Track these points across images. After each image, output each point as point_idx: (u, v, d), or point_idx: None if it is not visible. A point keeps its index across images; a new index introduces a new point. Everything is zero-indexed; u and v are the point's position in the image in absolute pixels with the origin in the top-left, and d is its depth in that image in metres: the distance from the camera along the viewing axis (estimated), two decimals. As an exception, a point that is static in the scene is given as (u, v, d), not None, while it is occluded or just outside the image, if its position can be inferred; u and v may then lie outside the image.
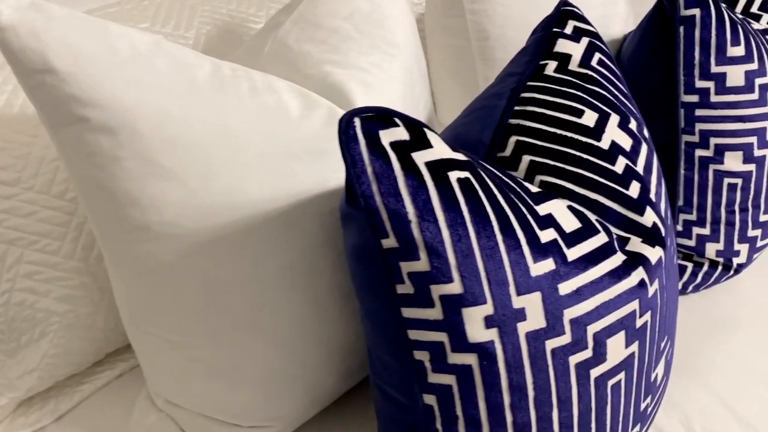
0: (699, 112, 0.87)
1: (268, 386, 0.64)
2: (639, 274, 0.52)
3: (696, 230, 0.93)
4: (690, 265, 0.94)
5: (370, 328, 0.52)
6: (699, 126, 0.87)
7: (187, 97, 0.56)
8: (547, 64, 0.65)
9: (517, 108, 0.62)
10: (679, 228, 0.93)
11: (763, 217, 0.92)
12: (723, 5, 0.86)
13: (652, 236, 0.55)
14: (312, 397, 0.67)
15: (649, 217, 0.56)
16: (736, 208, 0.91)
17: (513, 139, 0.60)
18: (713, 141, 0.88)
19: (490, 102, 0.65)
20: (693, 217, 0.92)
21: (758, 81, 0.85)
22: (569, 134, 0.59)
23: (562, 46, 0.66)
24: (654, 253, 0.54)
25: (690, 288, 0.95)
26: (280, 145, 0.58)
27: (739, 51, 0.84)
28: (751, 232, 0.92)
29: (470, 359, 0.47)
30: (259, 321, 0.61)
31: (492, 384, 0.47)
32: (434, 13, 1.01)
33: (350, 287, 0.65)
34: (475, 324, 0.46)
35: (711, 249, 0.93)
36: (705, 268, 0.94)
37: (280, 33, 0.71)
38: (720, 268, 0.94)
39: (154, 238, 0.57)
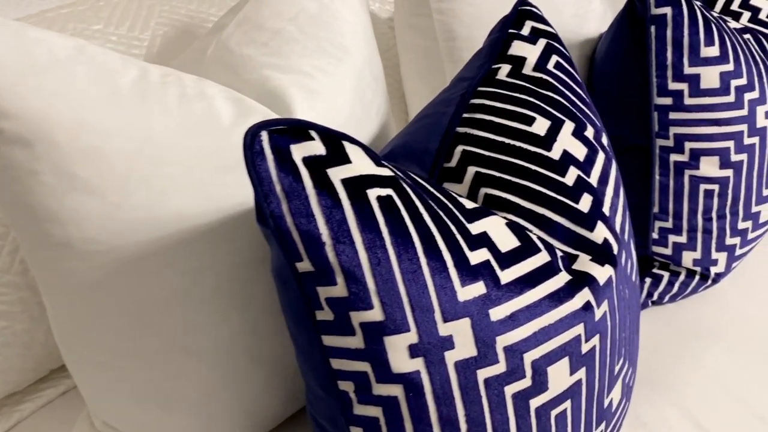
0: (673, 116, 0.83)
1: (206, 409, 0.61)
2: (584, 296, 0.48)
3: (672, 238, 0.89)
4: (666, 275, 0.90)
5: (297, 354, 0.49)
6: (673, 130, 0.84)
7: (108, 106, 0.53)
8: (500, 68, 0.62)
9: (465, 115, 0.59)
10: (655, 236, 0.89)
11: (741, 225, 0.88)
12: (697, 3, 0.82)
13: (602, 254, 0.52)
14: (253, 421, 0.64)
15: (599, 233, 0.52)
16: (714, 215, 0.87)
17: (459, 148, 0.57)
18: (688, 145, 0.84)
19: (439, 108, 0.62)
20: (669, 224, 0.88)
21: (734, 83, 0.81)
22: (518, 144, 0.56)
23: (518, 48, 0.63)
24: (603, 273, 0.50)
25: (666, 298, 0.91)
26: (208, 155, 0.54)
27: (713, 51, 0.80)
28: (729, 240, 0.89)
29: (396, 390, 0.43)
30: (193, 341, 0.58)
31: (420, 417, 0.44)
32: (402, 13, 0.98)
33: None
34: (399, 353, 0.42)
35: (688, 258, 0.89)
36: (682, 277, 0.90)
37: (224, 35, 0.67)
38: (697, 277, 0.90)
39: (76, 255, 0.54)
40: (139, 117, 0.53)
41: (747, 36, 0.86)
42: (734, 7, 0.95)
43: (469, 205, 0.49)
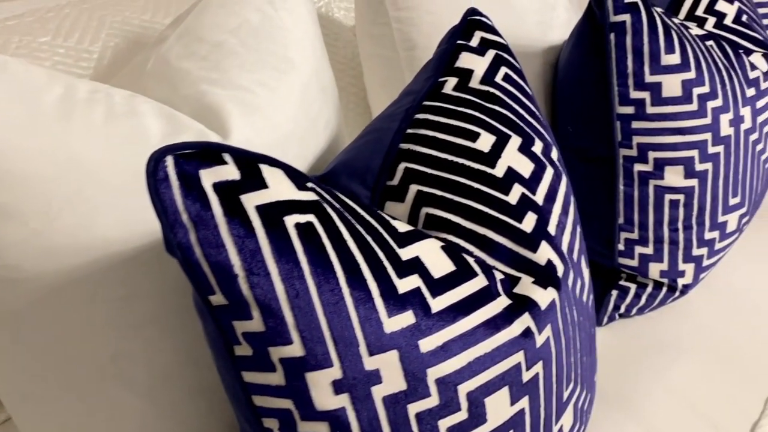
0: (635, 125, 0.81)
1: (143, 441, 0.58)
2: (524, 321, 0.46)
3: (638, 249, 0.87)
4: (633, 287, 0.88)
5: (224, 388, 0.46)
6: (636, 139, 0.82)
7: (29, 127, 0.50)
8: (446, 81, 0.59)
9: (409, 131, 0.57)
10: (621, 247, 0.87)
11: (708, 235, 0.86)
12: (658, 9, 0.81)
13: (545, 276, 0.49)
14: (196, 451, 0.61)
15: (543, 254, 0.50)
16: (680, 225, 0.85)
17: (402, 166, 0.55)
18: (652, 155, 0.82)
19: (384, 124, 0.60)
20: (635, 235, 0.86)
21: (696, 91, 0.79)
22: (461, 161, 0.53)
23: (465, 60, 0.60)
24: (545, 296, 0.48)
25: (634, 311, 0.89)
26: (136, 176, 0.52)
27: (674, 59, 0.78)
28: (696, 251, 0.87)
29: (321, 428, 0.41)
30: (125, 371, 0.55)
31: (349, 455, 0.41)
32: (362, 22, 0.95)
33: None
34: (323, 390, 0.40)
35: (655, 269, 0.87)
36: (649, 289, 0.88)
37: (164, 48, 0.65)
38: (665, 289, 0.88)
39: (-2, 283, 0.51)
40: (62, 138, 0.50)
41: (710, 43, 0.84)
42: (699, 12, 0.93)
43: (402, 228, 0.46)
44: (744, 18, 0.93)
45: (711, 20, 0.93)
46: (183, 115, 0.57)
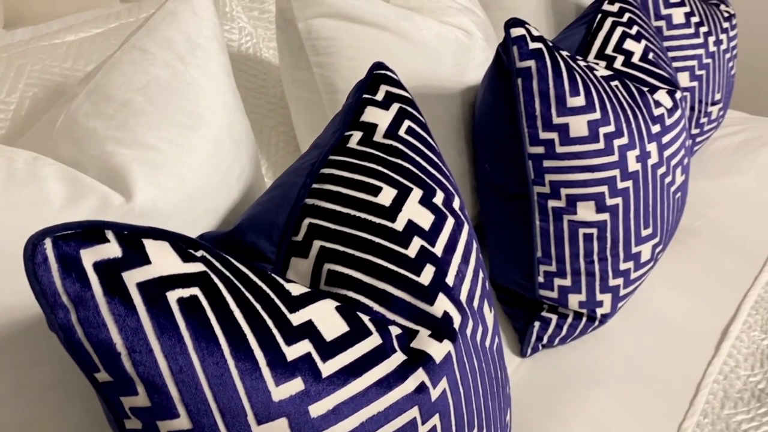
0: (547, 163, 0.84)
1: (54, 507, 0.57)
2: (418, 377, 0.48)
3: (557, 281, 0.90)
4: (554, 317, 0.91)
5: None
6: (548, 177, 0.85)
7: None
8: (351, 135, 0.61)
9: (314, 186, 0.58)
10: (541, 279, 0.90)
11: (623, 266, 0.90)
12: (563, 53, 0.84)
13: (440, 328, 0.51)
14: None
15: (440, 306, 0.52)
16: (595, 258, 0.88)
17: (306, 221, 0.56)
18: (564, 191, 0.85)
19: (290, 178, 0.61)
20: (553, 268, 0.89)
21: (602, 130, 0.83)
22: (363, 215, 0.55)
23: (370, 114, 0.62)
24: (440, 350, 0.50)
25: (556, 341, 0.92)
26: (35, 245, 0.52)
27: (579, 101, 0.81)
28: (612, 282, 0.90)
29: (215, 497, 0.41)
30: (32, 438, 0.55)
31: None
32: (285, 66, 0.97)
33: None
34: (212, 460, 0.40)
35: (574, 300, 0.90)
36: (569, 319, 0.91)
37: (73, 107, 0.65)
38: (585, 319, 0.91)
39: None
40: (-45, 208, 0.50)
41: (615, 83, 0.88)
42: (608, 51, 0.98)
43: (296, 291, 0.47)
44: (650, 56, 0.98)
45: (619, 59, 0.97)
46: (87, 177, 0.58)
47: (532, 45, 0.80)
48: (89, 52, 0.97)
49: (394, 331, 0.50)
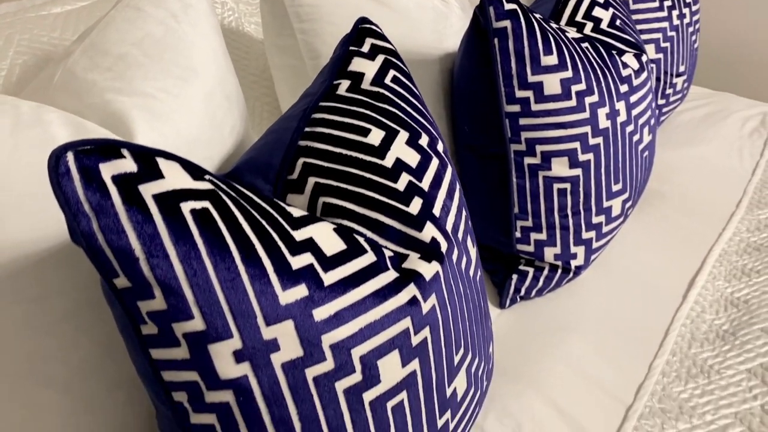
0: (523, 121, 0.89)
1: (63, 437, 0.60)
2: (410, 291, 0.51)
3: (533, 236, 0.95)
4: (531, 270, 0.96)
5: (136, 371, 0.50)
6: (524, 135, 0.89)
7: (-66, 136, 0.52)
8: (340, 83, 0.65)
9: (307, 129, 0.61)
10: (518, 235, 0.95)
11: (595, 219, 0.95)
12: (536, 15, 0.89)
13: (429, 251, 0.55)
14: (117, 444, 0.64)
15: (428, 233, 0.56)
16: (569, 212, 0.93)
17: (301, 161, 0.59)
18: (539, 148, 0.90)
19: (284, 124, 0.64)
20: (529, 223, 0.94)
21: (574, 88, 0.88)
22: (354, 154, 0.58)
23: (357, 64, 0.66)
24: (429, 269, 0.54)
25: (533, 293, 0.96)
26: (43, 181, 0.55)
27: (552, 60, 0.86)
28: (585, 235, 0.95)
29: (227, 396, 0.45)
30: (43, 370, 0.57)
31: (254, 420, 0.46)
32: (269, 34, 1.00)
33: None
34: (225, 360, 0.44)
35: (549, 253, 0.95)
36: (545, 272, 0.96)
37: (70, 62, 0.68)
38: (560, 271, 0.96)
39: None
40: (-33, 146, 0.53)
41: (585, 45, 0.93)
42: (578, 18, 1.03)
43: (297, 214, 0.51)
44: (618, 22, 1.03)
45: (589, 25, 1.02)
46: (89, 122, 0.60)
47: (508, 6, 0.84)
48: (76, 23, 0.99)
49: (387, 252, 0.54)
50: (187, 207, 0.43)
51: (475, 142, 0.95)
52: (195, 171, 0.46)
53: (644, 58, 0.99)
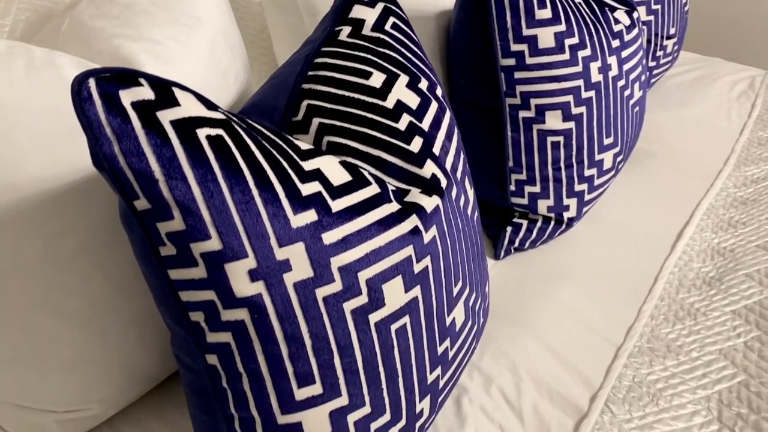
0: (517, 75, 0.91)
1: (80, 369, 0.63)
2: (412, 221, 0.54)
3: (527, 189, 0.97)
4: (525, 222, 0.99)
5: (153, 296, 0.52)
6: (519, 88, 0.92)
7: (-48, 76, 0.54)
8: (341, 29, 0.67)
9: (310, 73, 0.63)
10: (513, 188, 0.98)
11: (587, 172, 0.98)
12: (531, -29, 0.90)
13: (430, 186, 0.58)
14: (131, 379, 0.67)
15: (428, 169, 0.58)
16: (562, 165, 0.96)
17: (305, 103, 0.61)
18: (533, 102, 0.92)
19: (287, 69, 0.66)
20: (523, 176, 0.96)
21: (567, 42, 0.90)
22: (357, 96, 0.61)
23: (358, 11, 0.68)
24: (430, 202, 0.56)
25: (527, 244, 0.99)
26: (59, 120, 0.57)
27: (546, 13, 0.88)
28: (577, 187, 0.98)
29: (242, 314, 0.48)
30: (60, 303, 0.60)
31: (267, 337, 0.48)
32: (267, -8, 1.01)
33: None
34: (240, 279, 0.47)
35: (543, 205, 0.98)
36: (539, 224, 0.99)
37: (77, 11, 0.69)
38: (553, 223, 0.99)
39: (-68, 224, 0.55)
40: (-16, 85, 0.55)
41: (578, 0, 0.95)
42: (571, -23, 1.04)
43: (305, 146, 0.53)
44: (610, -19, 1.05)
45: (582, -17, 1.04)
46: (100, 66, 0.62)
47: (503, -40, 0.86)
48: (76, -19, 1.00)
49: (390, 186, 0.56)
50: (202, 133, 0.45)
51: (470, 96, 0.97)
52: (207, 103, 0.48)
53: (635, 15, 1.01)
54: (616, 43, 0.96)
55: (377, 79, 0.62)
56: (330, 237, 0.49)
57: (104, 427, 0.71)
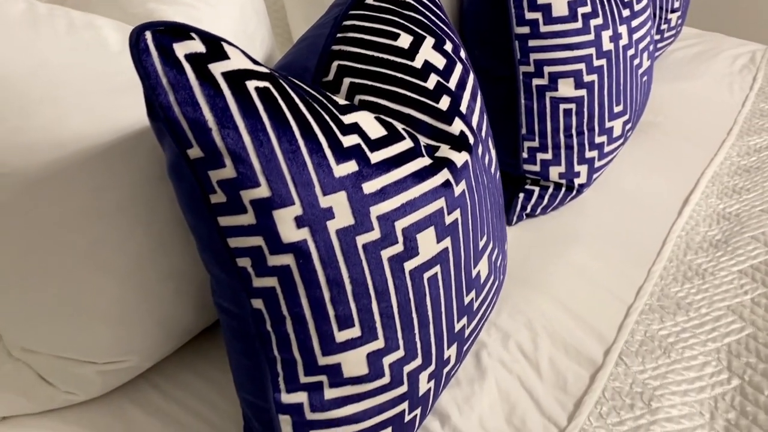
0: (531, 43, 0.93)
1: (121, 322, 0.65)
2: (444, 175, 0.57)
3: (540, 156, 1.00)
4: (537, 189, 1.01)
5: (198, 246, 0.55)
6: (533, 56, 0.94)
7: (0, 34, 0.56)
8: (368, -7, 0.68)
9: (339, 35, 0.66)
10: (525, 155, 1.00)
11: (598, 139, 1.00)
12: (545, -59, 0.92)
13: (459, 143, 0.60)
14: (167, 331, 0.69)
15: (457, 127, 0.61)
16: (573, 132, 0.98)
17: (335, 63, 0.64)
18: (547, 69, 0.94)
19: (316, 32, 0.68)
20: (536, 143, 0.99)
21: (580, 10, 0.92)
22: (386, 56, 0.63)
23: (383, -24, 0.70)
24: (460, 157, 0.59)
25: (538, 210, 1.02)
26: (100, 79, 0.59)
27: (560, -17, 0.90)
28: (588, 154, 1.00)
29: (287, 260, 0.50)
30: (101, 257, 0.62)
31: (311, 281, 0.51)
32: (283, -38, 1.03)
33: (196, 221, 0.67)
34: (287, 225, 0.49)
35: (554, 172, 1.01)
36: (550, 190, 1.02)
37: (108, -24, 0.71)
38: (564, 189, 1.02)
39: (-20, 179, 0.57)
40: (31, 44, 0.56)
41: (590, -30, 0.97)
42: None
43: (342, 102, 0.56)
44: (619, -48, 1.07)
45: (592, -46, 1.06)
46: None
47: (519, -71, 0.88)
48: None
49: (421, 142, 0.59)
50: (251, 85, 0.48)
51: (484, 65, 0.99)
52: (251, 58, 0.50)
53: (645, -15, 1.03)
54: (626, 13, 0.98)
55: (405, 41, 0.64)
56: (369, 187, 0.51)
57: (140, 380, 0.73)
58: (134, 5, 0.67)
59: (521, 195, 1.01)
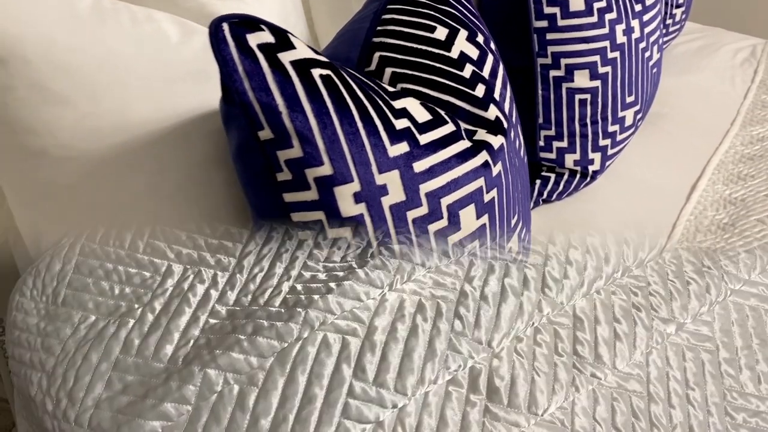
0: (549, 36, 0.98)
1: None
2: (483, 156, 0.62)
3: (556, 144, 1.05)
4: (553, 176, 1.06)
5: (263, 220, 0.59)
6: (551, 49, 0.99)
7: (71, 26, 0.60)
8: (404, -11, 0.73)
9: (379, 28, 0.70)
10: (542, 143, 1.05)
11: (611, 128, 1.05)
12: (562, -61, 0.97)
13: (494, 127, 0.65)
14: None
15: (492, 112, 0.66)
16: (588, 121, 1.03)
17: (377, 55, 0.68)
18: (563, 61, 0.99)
19: (356, 25, 0.73)
20: (552, 132, 1.04)
21: (596, 5, 0.97)
22: (424, 47, 0.68)
23: (417, -27, 0.74)
24: (496, 140, 0.64)
25: (554, 196, 1.07)
26: (161, 68, 0.63)
27: (577, -21, 0.95)
28: (602, 142, 1.05)
29: (346, 233, 0.55)
30: (164, 233, 0.67)
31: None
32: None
33: (243, 203, 0.71)
34: (346, 200, 0.54)
35: (569, 159, 1.06)
36: (566, 176, 1.06)
37: (159, -28, 0.75)
38: (578, 175, 1.07)
39: (52, 162, 0.62)
40: (99, 35, 0.61)
41: (604, -33, 1.02)
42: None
43: (390, 89, 0.60)
44: (630, -51, 1.12)
45: (604, -49, 1.10)
46: (191, 21, 0.69)
47: (539, -72, 0.93)
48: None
49: (462, 126, 0.63)
50: (316, 72, 0.52)
51: (503, 56, 1.04)
52: (313, 48, 0.55)
53: (655, -19, 1.08)
54: (638, 7, 1.03)
55: (441, 33, 0.69)
56: (419, 166, 0.56)
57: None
58: (187, 0, 0.71)
59: (538, 182, 1.06)
